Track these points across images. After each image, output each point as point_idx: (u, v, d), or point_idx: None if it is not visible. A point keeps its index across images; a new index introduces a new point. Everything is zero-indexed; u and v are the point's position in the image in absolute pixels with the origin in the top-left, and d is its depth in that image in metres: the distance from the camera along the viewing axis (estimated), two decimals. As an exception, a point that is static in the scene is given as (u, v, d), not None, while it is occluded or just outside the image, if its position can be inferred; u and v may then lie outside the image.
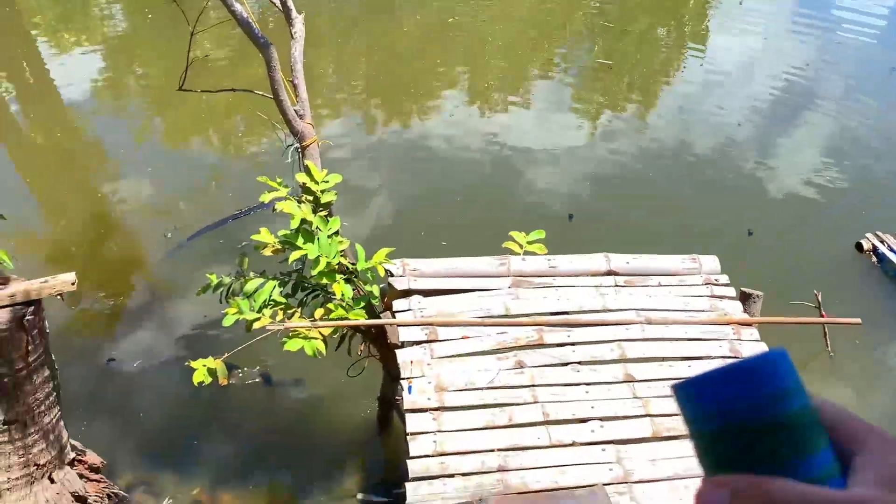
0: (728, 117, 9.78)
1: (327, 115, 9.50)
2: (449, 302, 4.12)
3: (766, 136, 9.41)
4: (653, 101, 10.46)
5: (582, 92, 10.66)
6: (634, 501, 3.27)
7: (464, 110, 9.96)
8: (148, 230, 7.31)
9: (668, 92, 10.80)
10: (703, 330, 4.11)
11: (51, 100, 9.95)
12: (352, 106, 10.02)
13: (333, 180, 4.33)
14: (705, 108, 10.09)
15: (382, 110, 9.96)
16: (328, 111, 9.61)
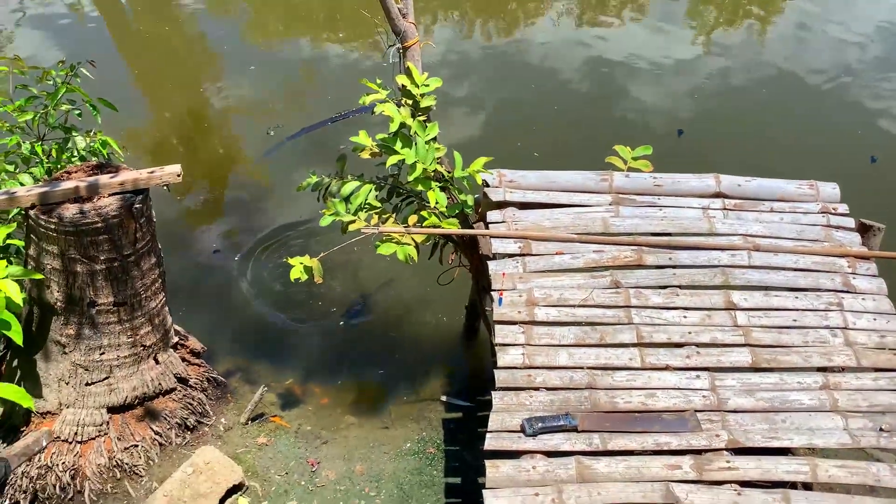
0: (852, 36, 8.97)
1: (428, 20, 9.26)
2: (544, 216, 4.02)
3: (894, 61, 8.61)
4: (772, 16, 9.70)
5: (696, 4, 9.97)
6: (727, 430, 3.18)
7: (569, 20, 9.51)
8: (249, 127, 7.44)
9: (789, 6, 9.97)
10: (816, 261, 3.87)
11: None
12: (451, 9, 9.73)
13: (434, 84, 4.22)
14: (829, 26, 9.28)
15: (484, 15, 9.63)
16: (428, 15, 9.37)
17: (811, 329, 3.61)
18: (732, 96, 7.93)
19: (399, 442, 4.56)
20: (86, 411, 4.07)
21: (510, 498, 2.90)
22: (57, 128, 4.42)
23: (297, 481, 4.23)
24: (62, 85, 4.37)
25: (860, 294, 3.77)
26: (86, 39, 9.01)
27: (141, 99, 8.02)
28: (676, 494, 2.93)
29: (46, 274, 3.80)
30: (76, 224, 3.63)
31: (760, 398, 3.32)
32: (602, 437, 3.14)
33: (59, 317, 3.92)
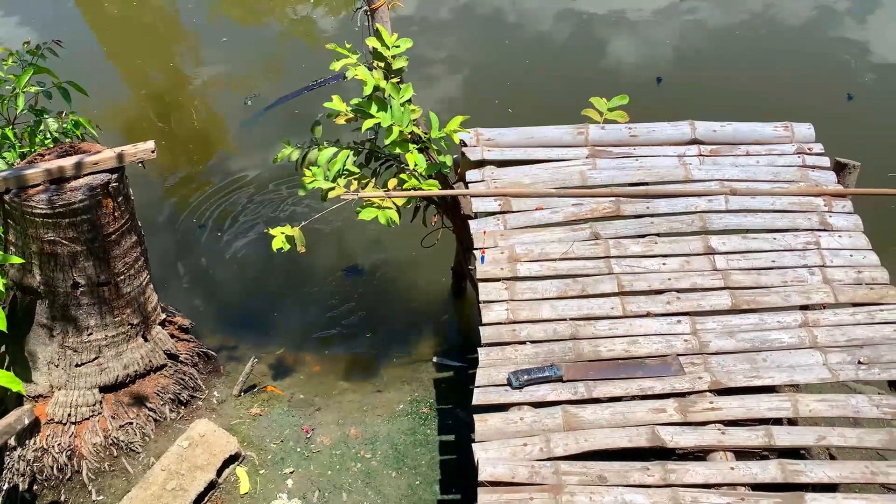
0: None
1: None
2: (523, 172, 4.03)
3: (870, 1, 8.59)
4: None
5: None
6: (709, 372, 3.23)
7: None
8: (224, 100, 7.37)
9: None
10: (792, 201, 3.91)
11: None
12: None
13: (404, 45, 4.18)
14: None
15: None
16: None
17: (789, 269, 3.66)
18: (709, 42, 7.91)
19: (392, 404, 4.62)
20: (78, 392, 4.10)
21: (499, 449, 2.96)
22: (28, 110, 4.37)
23: (293, 448, 4.29)
24: (29, 66, 4.31)
25: (837, 231, 3.82)
26: (53, 18, 8.85)
27: (113, 76, 7.92)
28: (662, 437, 2.99)
29: (27, 258, 3.80)
30: (54, 206, 3.62)
31: (741, 339, 3.38)
32: (587, 385, 3.19)
33: (44, 300, 3.93)
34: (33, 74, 4.28)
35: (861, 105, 6.88)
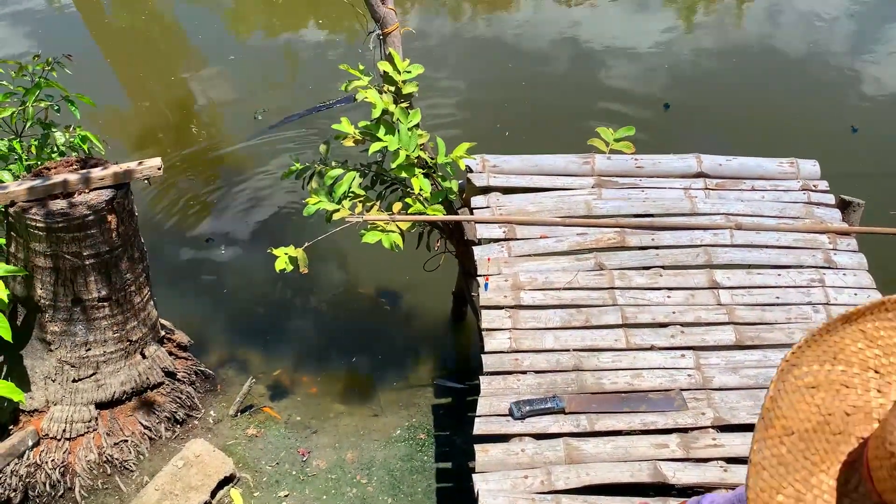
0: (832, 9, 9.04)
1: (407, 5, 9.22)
2: (528, 200, 4.03)
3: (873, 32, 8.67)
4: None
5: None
6: (712, 408, 3.22)
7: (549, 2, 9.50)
8: (232, 117, 7.39)
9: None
10: (797, 238, 3.91)
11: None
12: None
13: (416, 71, 4.21)
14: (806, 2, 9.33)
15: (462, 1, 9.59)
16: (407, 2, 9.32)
17: (794, 306, 3.66)
18: (714, 76, 7.96)
19: (389, 429, 4.58)
20: (74, 408, 4.06)
21: (500, 481, 2.93)
22: (35, 124, 4.38)
23: (289, 471, 4.24)
24: (39, 80, 4.32)
25: (841, 269, 3.82)
26: (61, 31, 8.90)
27: (120, 90, 7.94)
28: (664, 473, 2.97)
29: (30, 271, 3.78)
30: (58, 220, 3.60)
31: (745, 375, 3.37)
32: (589, 417, 3.17)
33: (44, 314, 3.90)
34: (42, 89, 4.30)
35: (865, 138, 6.92)
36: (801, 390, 1.21)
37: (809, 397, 1.20)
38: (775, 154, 4.33)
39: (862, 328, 1.22)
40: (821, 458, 1.18)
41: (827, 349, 1.22)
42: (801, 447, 1.19)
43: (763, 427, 1.23)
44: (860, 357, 1.21)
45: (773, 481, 1.19)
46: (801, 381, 1.22)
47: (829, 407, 1.18)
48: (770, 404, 1.24)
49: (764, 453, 1.21)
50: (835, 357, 1.21)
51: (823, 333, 1.23)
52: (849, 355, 1.21)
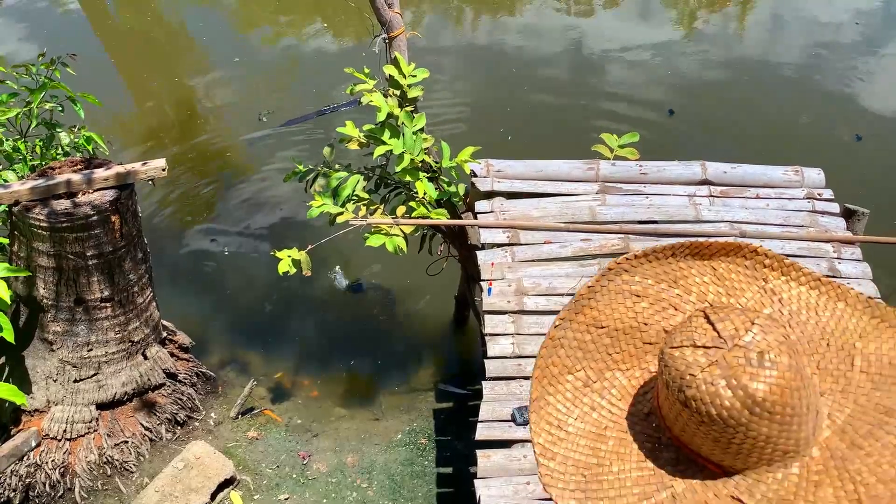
0: (836, 17, 9.05)
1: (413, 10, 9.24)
2: (532, 205, 4.03)
3: (878, 40, 8.68)
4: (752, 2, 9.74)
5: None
6: (715, 416, 3.20)
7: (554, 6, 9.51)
8: (236, 119, 7.39)
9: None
10: (801, 246, 3.90)
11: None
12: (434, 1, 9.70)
13: (421, 75, 4.20)
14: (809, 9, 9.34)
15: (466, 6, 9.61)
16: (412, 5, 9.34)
17: (797, 314, 3.64)
18: (718, 84, 7.96)
19: (390, 433, 4.57)
20: (75, 408, 4.05)
21: (502, 487, 2.92)
22: (40, 124, 4.37)
23: (289, 474, 4.23)
24: (44, 81, 4.32)
25: (846, 279, 3.80)
26: (66, 32, 8.91)
27: (125, 91, 7.95)
28: (666, 480, 2.95)
29: (33, 271, 3.78)
30: (62, 220, 3.60)
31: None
32: (592, 424, 3.15)
33: (47, 314, 3.90)
34: (47, 90, 4.30)
35: (868, 150, 6.91)
36: (626, 294, 1.21)
37: (631, 303, 1.20)
38: (779, 161, 4.32)
39: (714, 265, 1.22)
40: (623, 359, 1.20)
41: (669, 271, 1.22)
42: (606, 342, 1.20)
43: (571, 311, 1.22)
44: (701, 289, 1.21)
45: (567, 361, 1.20)
46: (627, 287, 1.22)
47: (648, 319, 1.19)
48: (586, 293, 1.24)
49: (566, 334, 1.22)
50: (675, 281, 1.22)
51: (668, 255, 1.23)
52: (690, 284, 1.21)
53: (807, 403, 0.98)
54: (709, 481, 1.03)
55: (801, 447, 1.00)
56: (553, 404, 1.18)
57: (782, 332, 1.00)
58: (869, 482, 0.96)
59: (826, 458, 1.00)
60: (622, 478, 1.07)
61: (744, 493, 1.00)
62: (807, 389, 0.98)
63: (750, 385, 0.95)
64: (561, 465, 1.12)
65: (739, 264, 1.21)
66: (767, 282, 1.19)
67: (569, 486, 1.09)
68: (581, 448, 1.12)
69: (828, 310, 1.15)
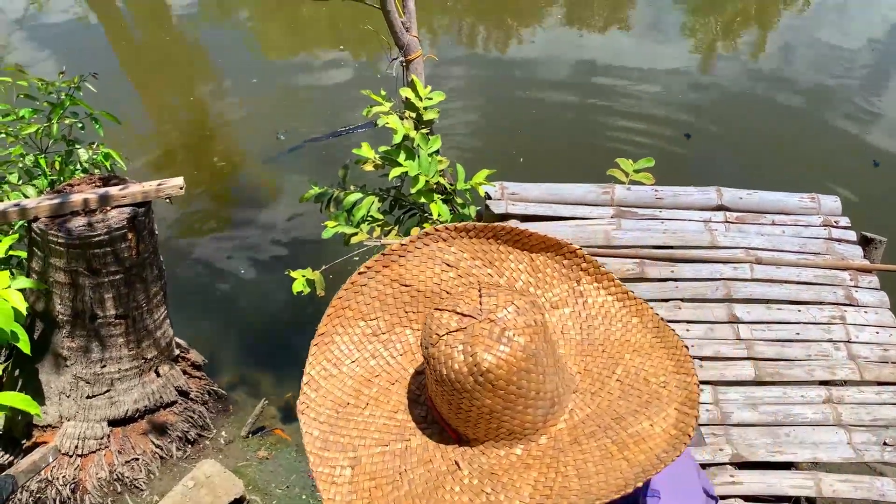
0: (852, 43, 9.06)
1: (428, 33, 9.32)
2: (547, 228, 4.02)
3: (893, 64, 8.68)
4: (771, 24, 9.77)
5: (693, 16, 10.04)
6: (731, 444, 3.17)
7: (569, 30, 9.57)
8: (253, 138, 7.46)
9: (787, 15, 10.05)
10: (818, 274, 3.87)
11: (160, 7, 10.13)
12: (449, 22, 9.78)
13: (437, 98, 4.23)
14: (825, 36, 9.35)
15: (480, 29, 9.68)
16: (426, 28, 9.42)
17: (814, 342, 3.61)
18: (737, 102, 7.98)
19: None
20: (87, 424, 4.06)
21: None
22: (60, 140, 4.42)
23: (299, 495, 4.21)
24: (66, 97, 4.37)
25: (862, 307, 3.77)
26: (85, 47, 9.04)
27: (143, 109, 8.03)
28: (681, 509, 2.92)
29: (49, 286, 3.80)
30: (80, 237, 3.63)
31: (764, 412, 3.32)
32: (606, 451, 3.12)
33: (61, 329, 3.92)
34: (67, 107, 4.35)
35: (888, 172, 6.89)
36: (437, 261, 1.23)
37: (440, 270, 1.23)
38: (796, 186, 4.30)
39: (533, 256, 1.25)
40: (417, 319, 1.23)
41: (488, 251, 1.25)
42: (406, 300, 1.22)
43: (379, 263, 1.24)
44: (513, 275, 1.24)
45: (363, 308, 1.22)
46: (441, 255, 1.24)
47: (451, 288, 1.22)
48: (398, 249, 1.25)
49: (369, 283, 1.24)
50: (491, 262, 1.24)
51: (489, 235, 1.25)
52: (504, 268, 1.24)
53: (536, 389, 1.01)
54: (443, 444, 1.08)
55: (526, 430, 1.04)
56: (337, 344, 1.21)
57: (536, 318, 1.03)
58: (568, 474, 0.99)
59: (549, 446, 1.04)
60: (369, 422, 1.12)
61: (464, 460, 1.04)
62: (539, 375, 1.02)
63: (480, 354, 0.99)
64: (321, 397, 1.16)
65: (558, 261, 1.24)
66: (580, 283, 1.23)
67: (319, 418, 1.13)
68: (346, 388, 1.16)
69: (622, 321, 1.21)
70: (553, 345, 1.07)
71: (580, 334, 1.18)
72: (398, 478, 1.05)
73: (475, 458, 1.04)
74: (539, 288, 1.23)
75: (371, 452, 1.09)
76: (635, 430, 1.01)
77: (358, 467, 1.09)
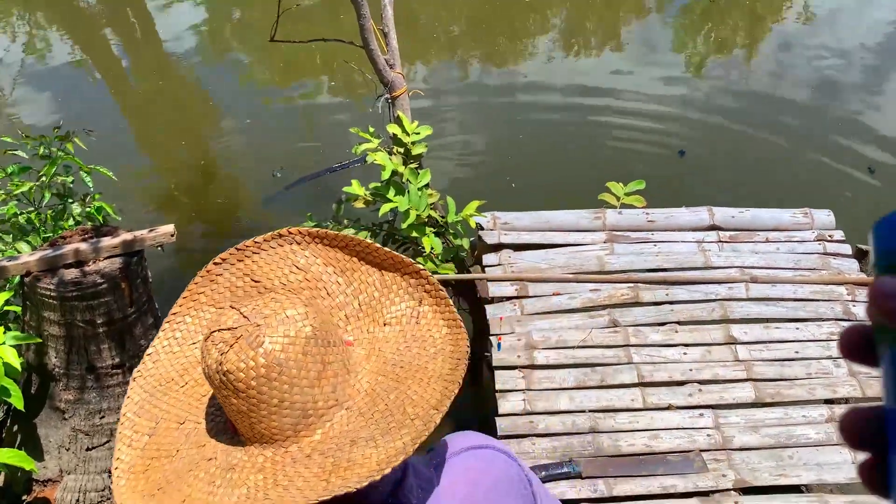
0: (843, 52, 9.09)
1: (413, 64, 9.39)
2: (540, 257, 4.02)
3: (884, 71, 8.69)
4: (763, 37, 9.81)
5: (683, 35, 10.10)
6: (733, 469, 3.12)
7: (557, 55, 9.62)
8: (248, 178, 7.49)
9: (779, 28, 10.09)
10: (814, 290, 3.84)
11: (155, 50, 10.26)
12: (437, 52, 9.86)
13: (424, 132, 4.25)
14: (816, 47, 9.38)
15: (469, 57, 9.76)
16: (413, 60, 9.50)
17: (814, 360, 3.57)
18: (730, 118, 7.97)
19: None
20: (87, 477, 4.03)
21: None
22: (53, 195, 4.45)
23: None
24: (58, 154, 4.41)
25: (861, 321, 3.73)
26: (82, 94, 9.14)
27: (138, 153, 8.10)
28: (685, 539, 2.87)
29: (44, 339, 3.80)
30: (72, 289, 3.63)
31: (766, 434, 3.27)
32: (607, 482, 3.09)
33: (58, 382, 3.91)
34: (59, 164, 4.38)
35: (883, 180, 6.87)
36: (288, 263, 1.25)
37: (289, 271, 1.25)
38: (792, 199, 4.29)
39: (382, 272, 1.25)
40: None
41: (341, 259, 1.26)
42: (254, 295, 1.24)
43: (234, 256, 1.26)
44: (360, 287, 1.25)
45: (216, 296, 1.26)
46: (293, 257, 1.26)
47: (298, 291, 1.22)
48: (251, 245, 1.28)
49: (224, 273, 1.27)
50: (342, 271, 1.25)
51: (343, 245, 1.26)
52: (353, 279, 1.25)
53: (280, 398, 1.05)
54: (221, 433, 1.13)
55: (276, 436, 1.07)
56: (187, 325, 1.26)
57: (302, 331, 1.07)
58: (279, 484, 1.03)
59: (289, 455, 1.07)
60: (181, 400, 1.18)
61: (223, 451, 1.10)
62: (284, 385, 1.05)
63: (228, 356, 1.03)
64: (156, 369, 1.22)
65: (405, 280, 1.25)
66: (421, 304, 1.24)
67: (146, 387, 1.20)
68: (177, 366, 1.22)
69: (435, 347, 1.20)
70: (320, 357, 1.09)
71: (395, 354, 1.18)
72: (175, 453, 1.11)
73: (231, 453, 1.09)
74: (382, 304, 1.24)
75: (168, 426, 1.15)
76: (353, 456, 1.04)
77: (154, 437, 1.14)
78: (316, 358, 1.09)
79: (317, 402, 1.09)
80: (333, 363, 1.12)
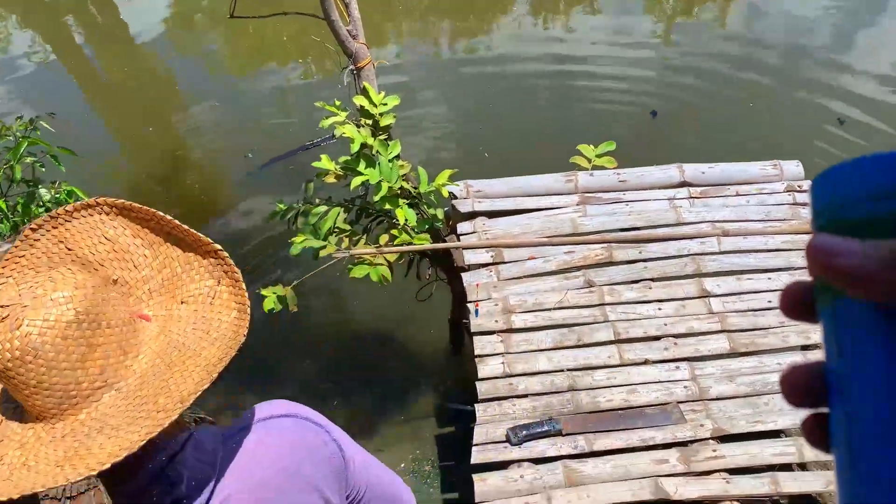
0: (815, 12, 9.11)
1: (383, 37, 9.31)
2: (514, 222, 4.02)
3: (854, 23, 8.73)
4: None
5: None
6: (710, 419, 3.17)
7: (528, 20, 9.58)
8: (219, 161, 7.44)
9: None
10: (785, 240, 3.89)
11: (120, 36, 10.10)
12: (407, 24, 9.77)
13: (391, 103, 4.21)
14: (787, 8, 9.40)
15: (438, 29, 9.68)
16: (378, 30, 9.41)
17: (787, 309, 3.61)
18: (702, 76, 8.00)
19: (394, 463, 4.53)
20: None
21: (499, 510, 2.89)
22: (21, 181, 4.39)
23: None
24: (23, 139, 4.34)
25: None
26: (47, 85, 8.99)
27: (107, 140, 8.00)
28: (666, 489, 2.92)
29: None
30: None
31: (741, 383, 3.33)
32: (587, 438, 3.13)
33: None
34: (27, 147, 4.32)
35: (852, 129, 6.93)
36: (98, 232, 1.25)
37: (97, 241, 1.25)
38: (766, 154, 4.32)
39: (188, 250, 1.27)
40: None
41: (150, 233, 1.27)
42: (67, 262, 1.24)
43: (49, 223, 1.25)
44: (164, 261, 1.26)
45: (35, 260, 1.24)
46: (102, 227, 1.26)
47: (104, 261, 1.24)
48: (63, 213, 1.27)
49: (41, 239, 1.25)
50: (150, 244, 1.26)
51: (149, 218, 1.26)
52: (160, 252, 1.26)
53: (38, 380, 1.07)
54: None
55: (43, 415, 1.10)
56: (10, 286, 1.26)
57: (63, 315, 1.08)
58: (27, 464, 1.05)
59: (49, 434, 1.09)
60: None
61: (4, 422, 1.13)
62: (41, 368, 1.06)
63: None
64: None
65: (208, 259, 1.27)
66: (219, 284, 1.26)
67: None
68: None
69: (217, 332, 1.22)
70: (84, 341, 1.09)
71: (180, 336, 1.19)
72: None
73: (8, 426, 1.12)
74: (182, 281, 1.25)
75: None
76: (93, 444, 1.05)
77: None
78: (79, 341, 1.10)
79: (81, 384, 1.10)
80: (104, 345, 1.12)
